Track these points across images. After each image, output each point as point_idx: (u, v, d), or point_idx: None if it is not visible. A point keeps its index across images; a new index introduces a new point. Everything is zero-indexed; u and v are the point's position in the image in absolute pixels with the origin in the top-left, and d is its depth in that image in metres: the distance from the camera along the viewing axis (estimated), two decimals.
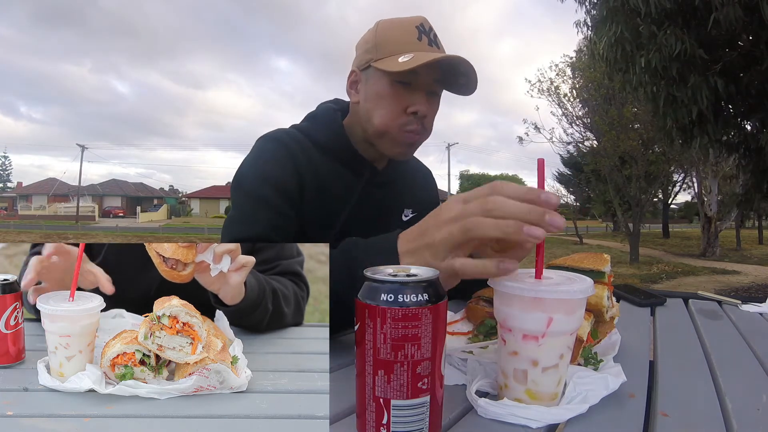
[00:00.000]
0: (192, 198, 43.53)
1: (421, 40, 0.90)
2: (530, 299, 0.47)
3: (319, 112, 1.03)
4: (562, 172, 23.72)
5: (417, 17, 0.92)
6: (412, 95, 0.90)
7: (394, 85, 0.89)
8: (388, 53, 0.89)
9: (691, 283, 9.09)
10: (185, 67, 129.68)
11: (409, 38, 0.89)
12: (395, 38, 0.90)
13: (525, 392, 0.49)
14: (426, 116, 0.92)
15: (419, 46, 0.89)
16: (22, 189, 45.35)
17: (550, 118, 33.65)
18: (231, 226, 0.89)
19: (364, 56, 0.93)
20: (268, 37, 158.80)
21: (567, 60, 14.45)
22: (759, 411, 0.53)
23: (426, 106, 0.91)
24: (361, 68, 0.94)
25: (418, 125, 0.92)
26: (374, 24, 0.95)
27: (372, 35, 0.93)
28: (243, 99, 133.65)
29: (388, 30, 0.92)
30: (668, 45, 4.46)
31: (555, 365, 0.48)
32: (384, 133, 0.92)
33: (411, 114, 0.90)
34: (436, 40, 0.92)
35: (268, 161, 0.92)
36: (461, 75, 0.90)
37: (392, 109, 0.90)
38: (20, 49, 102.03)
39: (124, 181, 49.07)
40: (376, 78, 0.91)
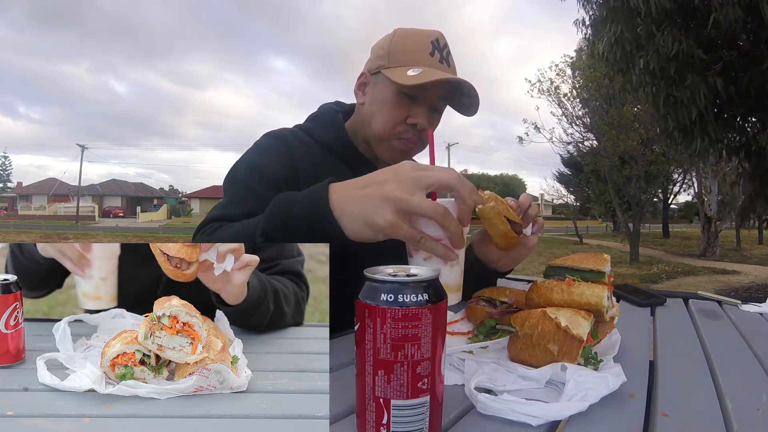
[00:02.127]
0: (192, 198, 43.53)
1: (434, 55, 0.92)
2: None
3: (320, 113, 1.05)
4: (562, 172, 23.73)
5: (434, 31, 0.95)
6: (414, 108, 0.93)
7: (398, 95, 0.92)
8: (399, 63, 0.91)
9: (691, 283, 9.09)
10: (183, 66, 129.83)
11: (422, 52, 0.92)
12: (408, 49, 0.92)
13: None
14: (424, 130, 0.94)
15: (430, 62, 0.91)
16: (22, 189, 45.34)
17: (550, 118, 33.71)
18: (212, 209, 0.87)
19: (376, 61, 0.95)
20: (265, 36, 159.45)
21: (567, 60, 14.46)
22: (759, 411, 0.53)
23: (426, 120, 0.94)
24: (371, 72, 0.97)
25: (414, 135, 0.94)
26: (392, 30, 0.98)
27: (387, 42, 0.95)
28: (241, 99, 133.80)
29: (403, 40, 0.94)
30: (666, 45, 4.47)
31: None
32: (381, 138, 0.95)
33: (410, 125, 0.93)
34: (448, 57, 0.95)
35: (263, 155, 0.93)
36: (464, 96, 0.93)
37: (393, 117, 0.93)
38: (18, 49, 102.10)
39: (124, 181, 49.06)
40: (383, 85, 0.94)
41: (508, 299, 0.80)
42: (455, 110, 0.99)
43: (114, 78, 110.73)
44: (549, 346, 0.59)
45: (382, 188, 0.55)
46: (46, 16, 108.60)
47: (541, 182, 50.39)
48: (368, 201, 0.55)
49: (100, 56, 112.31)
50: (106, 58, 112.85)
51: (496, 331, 0.74)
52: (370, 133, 0.96)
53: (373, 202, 0.55)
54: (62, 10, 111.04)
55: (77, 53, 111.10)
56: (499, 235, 0.76)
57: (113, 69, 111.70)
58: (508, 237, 0.76)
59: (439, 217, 0.54)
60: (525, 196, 0.82)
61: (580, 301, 0.66)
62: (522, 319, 0.64)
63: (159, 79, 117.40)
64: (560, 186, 22.99)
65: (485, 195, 0.74)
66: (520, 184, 34.27)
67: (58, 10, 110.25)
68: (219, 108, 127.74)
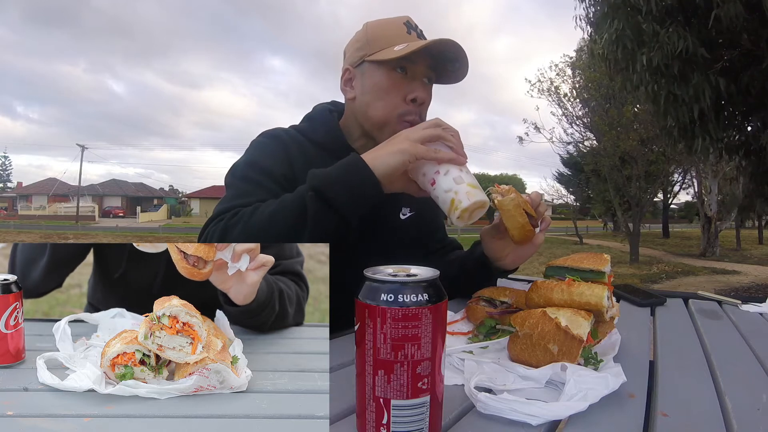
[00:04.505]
0: (192, 198, 43.53)
1: (411, 34, 0.93)
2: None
3: (315, 113, 1.05)
4: (562, 172, 23.71)
5: (402, 16, 0.96)
6: (410, 83, 0.92)
7: (391, 74, 0.92)
8: (382, 46, 0.92)
9: (691, 283, 9.09)
10: (180, 66, 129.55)
11: (399, 33, 0.93)
12: (386, 33, 0.93)
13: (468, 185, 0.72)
14: (423, 103, 0.94)
15: (410, 38, 0.92)
16: (22, 189, 45.33)
17: (550, 118, 33.69)
18: (219, 203, 0.86)
19: (356, 54, 0.95)
20: (261, 36, 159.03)
21: (567, 60, 14.46)
22: (759, 411, 0.53)
23: (424, 92, 0.93)
24: (354, 65, 0.96)
25: (417, 115, 0.93)
26: (362, 25, 0.98)
27: (362, 34, 0.96)
28: (238, 98, 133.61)
29: (378, 27, 0.95)
30: (670, 43, 4.45)
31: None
32: (384, 123, 0.93)
33: (410, 102, 0.92)
34: (423, 34, 0.96)
35: (262, 153, 0.93)
36: (454, 61, 0.93)
37: (391, 99, 0.92)
38: (14, 49, 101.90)
39: (124, 181, 49.06)
40: (372, 70, 0.93)
41: (508, 299, 0.80)
42: (444, 82, 0.98)
43: (111, 78, 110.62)
44: (549, 346, 0.59)
45: (393, 139, 0.76)
46: (41, 16, 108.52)
47: (541, 182, 50.29)
48: (387, 144, 0.75)
49: (97, 56, 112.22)
50: (102, 57, 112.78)
51: (496, 331, 0.74)
52: (370, 122, 0.95)
53: (392, 142, 0.75)
54: (57, 10, 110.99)
55: (74, 53, 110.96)
56: (516, 228, 0.78)
57: (110, 69, 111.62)
58: (526, 229, 0.79)
59: (441, 130, 0.75)
60: (536, 194, 0.85)
61: (580, 301, 0.66)
62: (522, 319, 0.64)
63: (156, 79, 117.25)
64: (560, 186, 22.99)
65: (505, 188, 0.79)
66: (520, 185, 34.28)
67: (54, 10, 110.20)
68: (217, 108, 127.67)
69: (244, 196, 0.83)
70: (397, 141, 0.74)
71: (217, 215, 0.79)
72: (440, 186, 0.73)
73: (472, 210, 0.72)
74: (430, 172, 0.74)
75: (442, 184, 0.73)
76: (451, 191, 0.72)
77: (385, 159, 0.72)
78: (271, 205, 0.74)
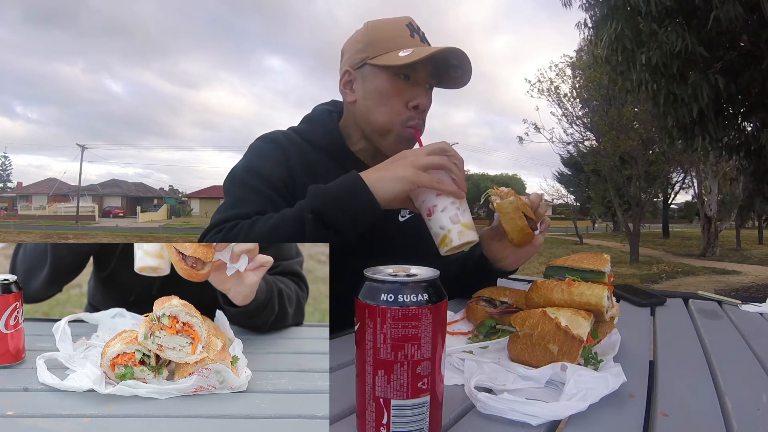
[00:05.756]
0: (192, 198, 43.53)
1: (414, 37, 0.92)
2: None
3: (314, 114, 1.04)
4: (562, 172, 23.70)
5: (404, 17, 0.95)
6: (412, 89, 0.92)
7: (394, 80, 0.91)
8: (385, 50, 0.90)
9: (691, 283, 9.08)
10: (178, 66, 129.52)
11: (403, 35, 0.91)
12: (389, 36, 0.92)
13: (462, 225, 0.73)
14: (425, 111, 0.94)
15: (414, 42, 0.91)
16: (22, 189, 45.33)
17: (550, 118, 33.68)
18: (218, 212, 0.87)
19: (357, 55, 0.94)
20: (260, 36, 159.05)
21: (567, 60, 14.45)
22: (759, 411, 0.53)
23: (426, 99, 0.93)
24: (355, 67, 0.95)
25: (419, 120, 0.93)
26: (363, 25, 0.96)
27: (363, 35, 0.94)
28: (237, 98, 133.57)
29: (379, 29, 0.93)
30: (669, 42, 4.45)
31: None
32: (387, 130, 0.93)
33: (412, 109, 0.92)
34: (425, 38, 0.95)
35: (260, 158, 0.92)
36: (456, 68, 0.92)
37: (394, 105, 0.91)
38: (13, 49, 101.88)
39: (123, 181, 49.03)
40: (373, 75, 0.92)
41: (508, 299, 0.80)
42: (445, 87, 0.97)
43: (110, 78, 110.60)
44: (549, 346, 0.59)
45: (397, 161, 0.75)
46: (39, 16, 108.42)
47: (541, 182, 50.27)
48: (391, 165, 0.74)
49: (95, 56, 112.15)
50: (101, 57, 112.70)
51: (496, 331, 0.74)
52: (372, 127, 0.94)
53: (395, 165, 0.74)
54: (56, 10, 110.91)
55: (72, 53, 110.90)
56: (515, 230, 0.78)
57: (109, 69, 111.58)
58: (524, 232, 0.78)
59: (446, 160, 0.73)
60: (535, 195, 0.85)
61: (580, 301, 0.66)
62: (522, 319, 0.64)
63: (155, 79, 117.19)
64: (560, 186, 22.98)
65: (504, 191, 0.78)
66: (520, 184, 34.24)
67: (52, 10, 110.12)
68: (215, 108, 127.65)
69: (243, 204, 0.83)
70: (400, 165, 0.73)
71: (216, 224, 0.79)
72: (435, 220, 0.74)
73: (461, 247, 0.74)
74: (428, 201, 0.74)
75: (438, 220, 0.73)
76: (445, 229, 0.73)
77: (388, 183, 0.72)
78: (270, 220, 0.74)
